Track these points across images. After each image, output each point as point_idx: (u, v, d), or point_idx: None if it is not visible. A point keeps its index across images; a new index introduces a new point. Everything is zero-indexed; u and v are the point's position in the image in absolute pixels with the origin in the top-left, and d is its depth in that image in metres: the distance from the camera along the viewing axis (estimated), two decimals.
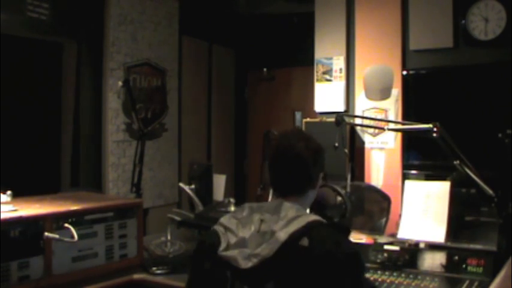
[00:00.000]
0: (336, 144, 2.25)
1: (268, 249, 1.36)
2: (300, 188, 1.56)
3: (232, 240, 1.43)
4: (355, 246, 1.48)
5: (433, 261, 2.05)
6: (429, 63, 4.01)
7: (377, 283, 1.91)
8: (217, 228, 1.49)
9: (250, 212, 1.48)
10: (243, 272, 1.38)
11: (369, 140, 4.16)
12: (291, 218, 1.40)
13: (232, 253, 1.40)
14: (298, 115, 5.77)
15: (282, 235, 1.36)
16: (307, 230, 1.38)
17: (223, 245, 1.43)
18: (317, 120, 4.47)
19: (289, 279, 1.36)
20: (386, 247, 2.17)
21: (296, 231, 1.37)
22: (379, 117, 4.04)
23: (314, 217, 1.43)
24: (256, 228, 1.41)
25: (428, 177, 3.60)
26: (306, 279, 1.34)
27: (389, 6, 4.12)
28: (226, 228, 1.47)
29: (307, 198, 1.59)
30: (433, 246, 2.10)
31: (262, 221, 1.42)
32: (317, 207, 2.04)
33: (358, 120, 4.07)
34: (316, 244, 1.36)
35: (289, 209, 1.44)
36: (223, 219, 1.50)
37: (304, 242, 1.36)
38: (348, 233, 1.62)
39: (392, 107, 4.07)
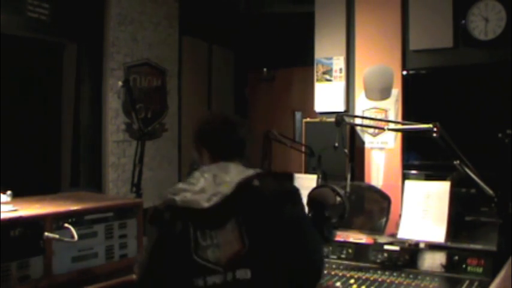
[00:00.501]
0: (336, 144, 2.25)
1: (226, 188, 1.54)
2: (239, 153, 1.73)
3: (189, 194, 1.55)
4: (295, 186, 1.74)
5: (433, 261, 2.05)
6: (429, 63, 4.01)
7: (377, 283, 1.91)
8: (170, 195, 1.58)
9: (200, 174, 1.62)
10: (204, 215, 1.52)
11: (369, 140, 4.16)
12: (240, 171, 1.61)
13: (192, 197, 1.54)
14: (298, 115, 5.77)
15: (239, 177, 1.57)
16: (257, 175, 1.61)
17: (180, 198, 1.55)
18: (317, 120, 4.47)
19: (247, 215, 1.54)
20: (386, 247, 2.17)
21: (248, 176, 1.59)
22: (379, 117, 4.04)
23: (260, 170, 1.66)
24: (211, 180, 1.58)
25: (428, 177, 3.60)
26: (258, 212, 1.56)
27: (389, 7, 4.12)
28: (180, 190, 1.57)
29: (241, 163, 1.72)
30: (433, 246, 2.10)
31: (215, 175, 1.59)
32: (316, 207, 2.04)
33: (358, 120, 4.07)
34: (265, 184, 1.61)
35: (236, 166, 1.64)
36: (172, 189, 1.59)
37: (256, 182, 1.59)
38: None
39: (392, 107, 4.07)
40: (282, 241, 1.55)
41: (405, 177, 3.83)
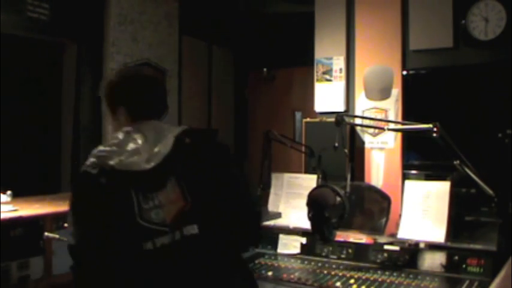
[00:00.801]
0: (336, 144, 2.25)
1: (164, 148, 1.52)
2: (160, 111, 1.74)
3: (123, 157, 1.49)
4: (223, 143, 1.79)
5: (433, 261, 2.05)
6: (429, 63, 4.01)
7: (377, 283, 1.91)
8: (102, 159, 1.50)
9: (125, 134, 1.57)
10: (145, 178, 1.49)
11: (369, 140, 4.16)
12: (168, 129, 1.61)
13: (130, 160, 1.48)
14: (298, 115, 5.77)
15: (171, 135, 1.56)
16: (186, 132, 1.62)
17: (115, 161, 1.48)
18: (317, 120, 4.47)
19: (185, 172, 1.56)
20: (386, 247, 2.17)
21: (179, 133, 1.59)
22: (379, 117, 4.04)
23: (186, 126, 1.68)
24: (143, 140, 1.54)
25: (428, 177, 3.60)
26: (195, 168, 1.58)
27: (389, 7, 4.12)
28: (111, 153, 1.51)
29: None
30: (433, 246, 2.10)
31: (145, 136, 1.55)
32: (316, 207, 2.04)
33: (358, 120, 4.07)
34: (195, 140, 1.63)
35: (162, 125, 1.64)
36: (101, 153, 1.52)
37: (187, 140, 1.60)
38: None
39: (392, 107, 4.07)
40: (222, 194, 1.59)
41: (405, 177, 3.83)
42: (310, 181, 2.50)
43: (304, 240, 2.34)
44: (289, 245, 2.36)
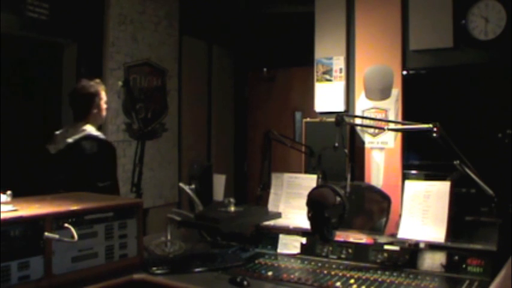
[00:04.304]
0: (336, 144, 2.24)
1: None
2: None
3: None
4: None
5: (433, 261, 2.05)
6: (429, 63, 4.01)
7: (377, 283, 1.91)
8: None
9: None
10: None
11: (368, 140, 4.16)
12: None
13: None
14: (298, 115, 5.77)
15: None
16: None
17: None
18: (317, 120, 4.47)
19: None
20: (386, 247, 2.17)
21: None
22: (379, 117, 4.05)
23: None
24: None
25: (428, 177, 3.61)
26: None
27: (389, 6, 4.12)
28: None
29: None
30: (433, 246, 2.10)
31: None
32: (316, 207, 2.04)
33: (358, 120, 4.07)
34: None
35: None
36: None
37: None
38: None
39: (392, 107, 4.07)
40: None
41: (405, 177, 3.83)
42: (310, 181, 2.49)
43: (304, 240, 2.34)
44: (289, 245, 2.36)
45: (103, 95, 3.10)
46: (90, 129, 2.91)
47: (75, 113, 2.91)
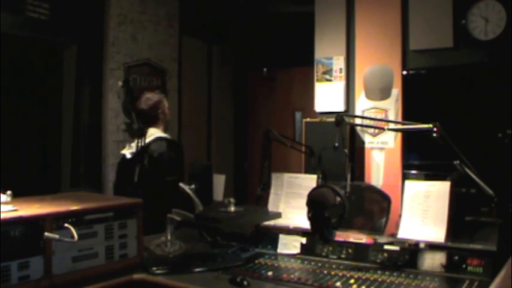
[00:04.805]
0: (336, 144, 2.24)
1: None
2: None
3: None
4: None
5: (433, 261, 2.05)
6: (429, 63, 4.01)
7: (377, 283, 1.91)
8: None
9: None
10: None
11: (368, 140, 4.16)
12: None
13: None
14: (298, 115, 5.77)
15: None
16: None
17: None
18: (317, 120, 4.47)
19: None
20: (386, 247, 2.17)
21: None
22: (379, 117, 4.04)
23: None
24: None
25: (428, 177, 3.60)
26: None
27: (389, 6, 4.12)
28: None
29: None
30: (433, 246, 2.10)
31: None
32: (316, 207, 2.04)
33: (358, 120, 4.07)
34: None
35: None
36: None
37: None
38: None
39: (392, 107, 4.07)
40: None
41: (405, 177, 3.83)
42: (310, 181, 2.49)
43: (304, 240, 2.34)
44: (289, 245, 2.36)
45: (165, 102, 3.47)
46: (158, 132, 3.33)
47: (144, 121, 3.28)
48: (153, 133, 3.33)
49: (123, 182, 3.30)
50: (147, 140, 3.24)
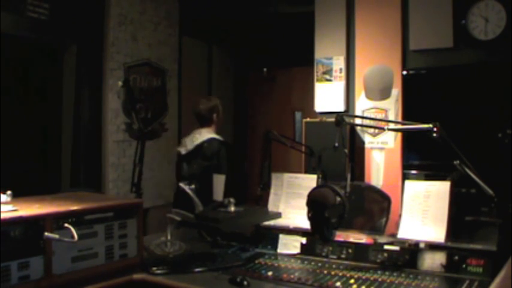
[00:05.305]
0: (336, 144, 2.24)
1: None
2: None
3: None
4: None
5: (433, 261, 2.05)
6: (429, 63, 4.01)
7: (377, 283, 1.91)
8: None
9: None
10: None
11: (368, 140, 4.16)
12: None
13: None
14: (298, 115, 5.77)
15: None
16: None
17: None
18: (317, 120, 4.47)
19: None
20: (386, 247, 2.17)
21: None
22: (379, 117, 4.04)
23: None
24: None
25: (428, 177, 3.60)
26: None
27: (389, 6, 4.12)
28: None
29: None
30: (433, 246, 2.10)
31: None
32: (316, 207, 2.04)
33: (358, 120, 4.07)
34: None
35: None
36: None
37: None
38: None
39: (392, 107, 4.07)
40: None
41: (405, 177, 3.83)
42: (310, 181, 2.49)
43: (304, 240, 2.34)
44: (289, 245, 2.37)
45: (220, 107, 3.84)
46: (211, 133, 3.71)
47: (201, 122, 3.76)
48: (206, 133, 3.70)
49: (179, 175, 3.75)
50: (201, 139, 3.66)
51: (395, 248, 2.15)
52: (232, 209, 2.33)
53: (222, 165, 3.58)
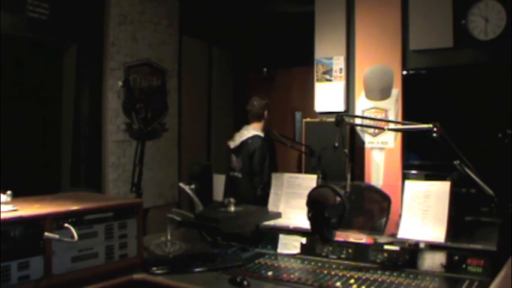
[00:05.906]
0: (336, 144, 2.24)
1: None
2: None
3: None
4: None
5: (433, 261, 2.05)
6: (429, 63, 4.01)
7: (377, 283, 1.91)
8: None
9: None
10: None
11: (368, 140, 4.16)
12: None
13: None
14: (298, 115, 5.77)
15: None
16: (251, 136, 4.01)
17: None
18: (317, 120, 4.47)
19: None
20: (386, 247, 2.17)
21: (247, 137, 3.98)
22: (379, 117, 4.04)
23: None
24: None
25: (428, 177, 3.61)
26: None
27: (389, 6, 4.12)
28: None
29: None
30: (433, 246, 2.10)
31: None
32: (316, 207, 2.04)
33: (358, 120, 4.07)
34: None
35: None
36: None
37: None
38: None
39: (392, 107, 4.07)
40: None
41: (405, 177, 3.83)
42: (310, 181, 2.49)
43: (304, 240, 2.34)
44: (289, 245, 2.36)
45: (266, 107, 4.22)
46: (257, 130, 4.13)
47: (251, 119, 4.19)
48: (252, 130, 4.12)
49: (229, 167, 4.19)
50: (248, 135, 4.10)
51: (395, 248, 2.15)
52: (232, 209, 2.33)
53: (261, 160, 3.99)
